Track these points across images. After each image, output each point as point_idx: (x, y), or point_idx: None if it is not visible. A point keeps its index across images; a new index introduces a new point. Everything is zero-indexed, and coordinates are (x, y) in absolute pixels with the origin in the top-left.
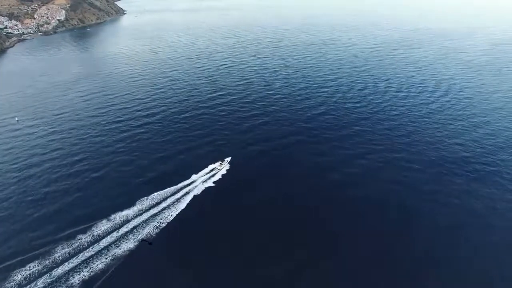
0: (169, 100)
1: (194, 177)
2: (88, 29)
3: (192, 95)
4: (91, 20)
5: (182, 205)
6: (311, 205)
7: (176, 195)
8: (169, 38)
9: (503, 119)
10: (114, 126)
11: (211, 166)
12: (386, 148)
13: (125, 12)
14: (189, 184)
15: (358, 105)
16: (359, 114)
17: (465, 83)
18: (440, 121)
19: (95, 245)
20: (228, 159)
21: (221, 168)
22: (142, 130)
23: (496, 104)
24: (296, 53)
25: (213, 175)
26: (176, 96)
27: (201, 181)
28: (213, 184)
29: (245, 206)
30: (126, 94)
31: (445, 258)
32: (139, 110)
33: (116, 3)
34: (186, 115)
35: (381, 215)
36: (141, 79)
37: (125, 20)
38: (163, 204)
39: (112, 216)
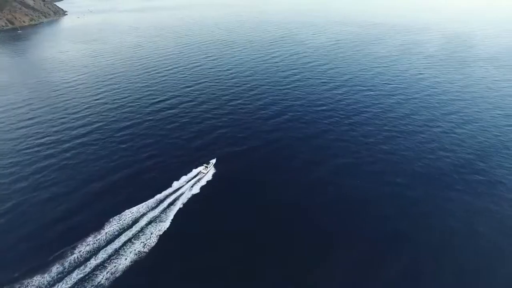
0: (107, 107)
1: (175, 185)
2: (19, 31)
3: (136, 102)
4: (23, 22)
5: (165, 224)
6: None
7: (154, 211)
8: (113, 40)
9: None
10: (35, 149)
11: (194, 171)
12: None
13: (66, 13)
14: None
15: (324, 107)
16: (322, 114)
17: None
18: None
19: None
20: (213, 161)
21: (206, 171)
22: (77, 147)
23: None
24: (251, 52)
25: (198, 180)
26: (118, 103)
27: (185, 190)
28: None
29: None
30: (55, 105)
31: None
32: (73, 123)
33: (56, 3)
34: (128, 123)
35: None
36: (78, 86)
37: (65, 22)
38: (140, 224)
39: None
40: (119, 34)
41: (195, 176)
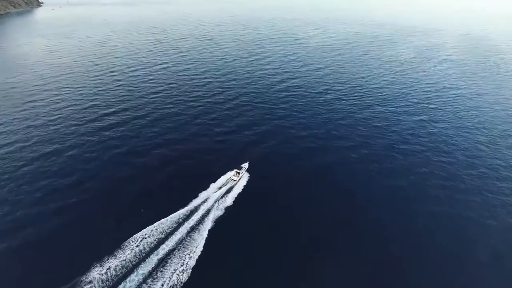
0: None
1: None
2: None
3: (89, 108)
4: None
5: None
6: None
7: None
8: (80, 35)
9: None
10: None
11: (223, 178)
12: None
13: (41, 4)
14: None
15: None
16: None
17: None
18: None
19: None
20: (246, 165)
21: (238, 178)
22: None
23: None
24: (239, 52)
25: (230, 189)
26: (80, 106)
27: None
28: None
29: None
30: None
31: None
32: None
33: None
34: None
35: None
36: (24, 85)
37: (38, 14)
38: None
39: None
40: (89, 29)
41: (225, 184)
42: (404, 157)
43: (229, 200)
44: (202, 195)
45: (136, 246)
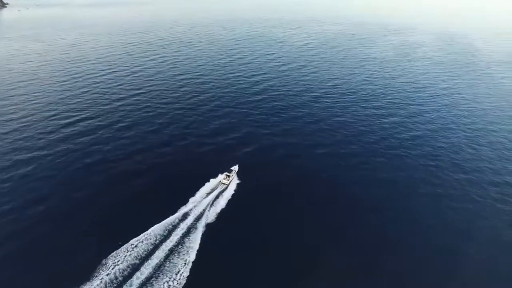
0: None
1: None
2: None
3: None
4: None
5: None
6: None
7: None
8: (50, 38)
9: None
10: None
11: (212, 182)
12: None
13: (5, 5)
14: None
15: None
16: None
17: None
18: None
19: None
20: (236, 168)
21: (229, 182)
22: None
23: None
24: (216, 53)
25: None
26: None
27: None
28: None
29: None
30: None
31: None
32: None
33: None
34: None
35: None
36: None
37: (2, 15)
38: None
39: None
40: (58, 31)
41: (214, 189)
42: (389, 160)
43: (221, 204)
44: (191, 202)
45: (116, 265)
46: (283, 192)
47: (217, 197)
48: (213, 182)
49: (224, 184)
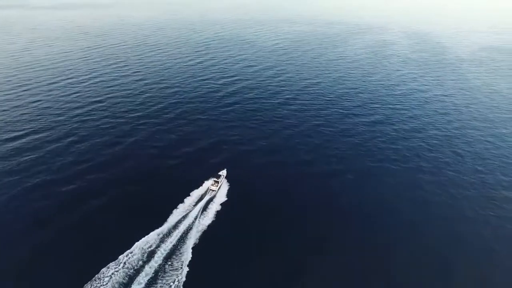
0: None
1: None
2: None
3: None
4: None
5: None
6: None
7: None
8: None
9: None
10: None
11: (201, 190)
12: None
13: None
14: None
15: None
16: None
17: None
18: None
19: None
20: (224, 172)
21: (218, 188)
22: None
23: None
24: (182, 57)
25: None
26: None
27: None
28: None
29: None
30: None
31: None
32: None
33: None
34: None
35: None
36: None
37: None
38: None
39: None
40: (7, 36)
41: (203, 196)
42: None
43: (211, 212)
44: (178, 211)
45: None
46: (264, 198)
47: (206, 206)
48: (200, 189)
49: (213, 190)
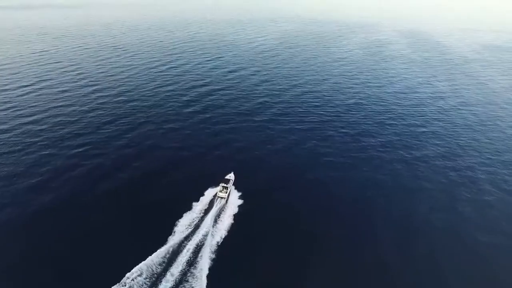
0: None
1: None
2: None
3: None
4: None
5: None
6: None
7: None
8: None
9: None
10: None
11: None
12: None
13: None
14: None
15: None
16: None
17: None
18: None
19: None
20: (232, 175)
21: (227, 194)
22: None
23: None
24: (152, 61)
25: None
26: None
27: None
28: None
29: None
30: None
31: None
32: None
33: None
34: None
35: None
36: None
37: None
38: None
39: None
40: None
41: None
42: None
43: (225, 225)
44: (182, 227)
45: None
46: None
47: (217, 216)
48: (208, 196)
49: (222, 197)
